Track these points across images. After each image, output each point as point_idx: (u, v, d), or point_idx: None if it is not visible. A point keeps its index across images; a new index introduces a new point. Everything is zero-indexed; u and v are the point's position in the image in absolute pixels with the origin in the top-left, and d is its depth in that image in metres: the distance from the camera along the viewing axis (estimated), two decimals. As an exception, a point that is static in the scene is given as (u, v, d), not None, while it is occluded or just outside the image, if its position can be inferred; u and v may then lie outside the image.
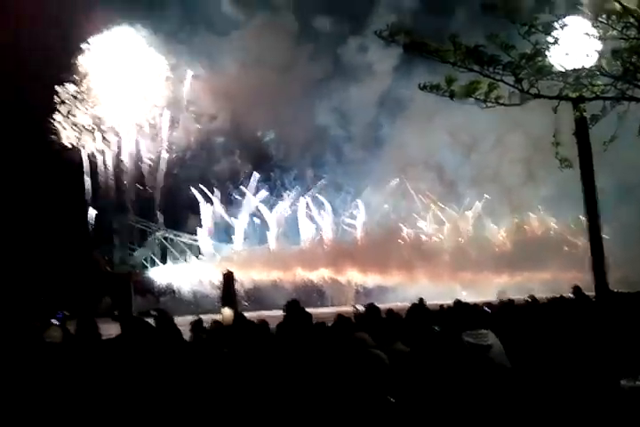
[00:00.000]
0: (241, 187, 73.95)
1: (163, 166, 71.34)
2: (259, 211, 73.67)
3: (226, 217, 72.53)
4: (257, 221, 73.25)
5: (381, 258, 69.16)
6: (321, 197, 74.68)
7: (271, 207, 74.23)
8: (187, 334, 7.28)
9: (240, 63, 71.75)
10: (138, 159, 70.53)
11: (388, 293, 64.37)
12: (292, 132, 74.02)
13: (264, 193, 74.15)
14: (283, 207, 74.58)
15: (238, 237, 72.21)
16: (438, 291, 53.01)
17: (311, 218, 75.16)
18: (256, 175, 73.96)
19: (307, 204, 74.90)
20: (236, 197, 74.00)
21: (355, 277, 70.43)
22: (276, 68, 72.10)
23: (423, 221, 75.53)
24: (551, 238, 71.46)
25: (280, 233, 73.44)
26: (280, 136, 75.23)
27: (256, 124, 73.68)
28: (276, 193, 75.03)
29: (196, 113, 71.94)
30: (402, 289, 61.92)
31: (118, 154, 70.08)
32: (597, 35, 6.35)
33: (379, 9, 72.38)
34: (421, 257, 70.74)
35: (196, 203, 72.10)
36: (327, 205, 74.78)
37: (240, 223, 72.75)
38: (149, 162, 71.06)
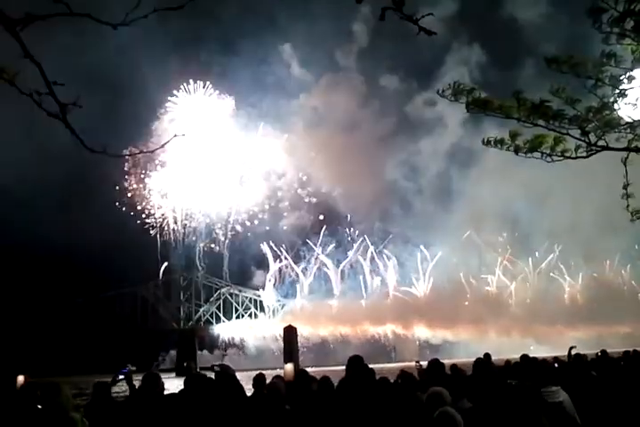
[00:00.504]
0: (307, 241, 74.78)
1: (232, 223, 72.72)
2: (325, 266, 73.90)
3: (295, 272, 72.99)
4: (326, 274, 73.48)
5: (449, 312, 67.80)
6: (387, 251, 74.35)
7: (338, 262, 74.39)
8: (249, 390, 7.23)
9: (308, 122, 73.63)
10: (207, 218, 72.28)
11: (456, 348, 62.72)
12: (360, 186, 74.78)
13: (331, 248, 74.64)
14: (349, 261, 74.58)
15: (304, 291, 72.37)
16: (509, 346, 51.27)
17: (377, 272, 74.71)
18: (324, 230, 74.82)
19: (373, 257, 74.66)
20: (304, 252, 74.64)
21: (422, 332, 69.05)
22: (343, 126, 73.64)
23: (493, 276, 74.09)
24: (627, 290, 68.76)
25: (346, 287, 73.21)
26: (348, 191, 76.12)
27: (324, 181, 74.93)
28: (343, 248, 75.30)
29: (265, 171, 73.68)
30: (471, 344, 59.99)
31: (187, 215, 71.92)
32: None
33: (447, 63, 73.59)
34: (491, 311, 69.00)
35: (264, 258, 73.10)
36: (394, 259, 74.34)
37: (306, 278, 73.00)
38: (218, 220, 72.59)
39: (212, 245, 71.85)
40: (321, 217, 75.79)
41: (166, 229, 71.36)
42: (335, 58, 79.10)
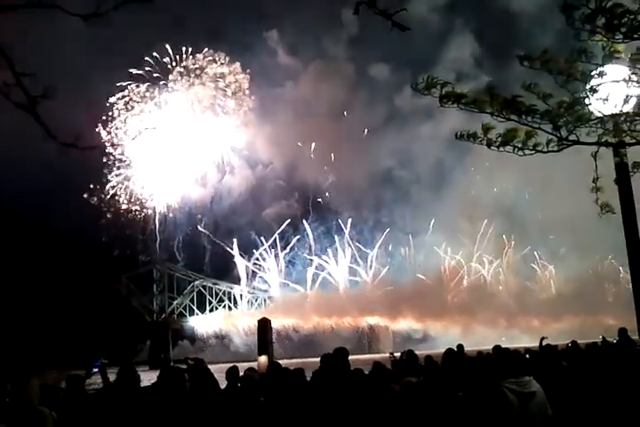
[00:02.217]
0: (293, 232, 74.13)
1: (214, 213, 71.89)
2: (312, 256, 73.38)
3: (276, 263, 72.43)
4: (309, 264, 72.98)
5: (435, 303, 67.79)
6: (376, 240, 73.99)
7: (325, 250, 73.96)
8: (223, 382, 7.24)
9: (294, 111, 72.79)
10: (188, 208, 71.41)
11: (441, 339, 62.72)
12: (349, 175, 74.35)
13: (317, 238, 74.19)
14: (336, 251, 74.14)
15: (285, 282, 71.95)
16: (494, 337, 51.44)
17: (365, 261, 74.46)
18: (310, 220, 74.38)
19: (360, 247, 74.49)
20: (290, 242, 73.99)
21: (407, 323, 68.91)
22: (331, 115, 72.99)
23: (483, 266, 73.92)
24: (617, 281, 69.06)
25: (335, 277, 72.84)
26: (336, 180, 75.55)
27: (311, 169, 74.31)
28: (330, 237, 74.73)
29: (250, 160, 72.68)
30: (456, 336, 59.72)
31: (167, 205, 71.06)
32: (636, 79, 6.34)
33: (442, 53, 73.39)
34: (480, 303, 69.11)
35: (248, 249, 72.41)
36: (382, 248, 74.11)
37: (289, 269, 72.51)
38: (200, 210, 71.66)
39: (193, 237, 71.15)
40: (308, 206, 75.06)
41: (142, 220, 70.57)
42: (323, 45, 77.89)
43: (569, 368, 9.03)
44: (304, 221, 74.88)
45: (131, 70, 68.74)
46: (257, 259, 73.08)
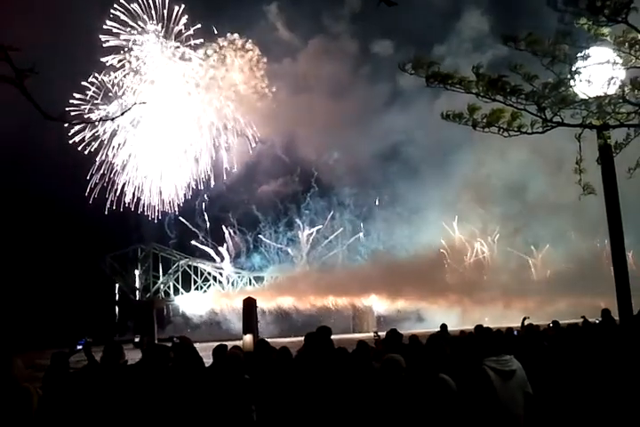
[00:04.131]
0: (296, 210, 73.53)
1: (208, 191, 71.02)
2: (311, 233, 72.94)
3: (270, 240, 71.97)
4: (311, 241, 72.48)
5: (436, 283, 67.48)
6: (379, 217, 73.40)
7: (325, 228, 73.50)
8: (209, 361, 7.30)
9: (294, 88, 71.58)
10: (180, 186, 70.38)
11: (435, 319, 62.32)
12: (350, 152, 73.28)
13: (317, 214, 73.64)
14: (331, 227, 73.66)
15: (282, 261, 71.69)
16: (490, 317, 51.36)
17: (366, 238, 74.11)
18: (310, 197, 73.71)
19: (360, 225, 74.17)
20: (288, 219, 73.41)
21: (404, 304, 68.60)
22: (331, 93, 71.81)
23: (487, 245, 73.28)
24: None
25: (324, 255, 72.49)
26: (339, 157, 74.44)
27: (311, 147, 73.09)
28: (331, 214, 74.16)
29: (248, 136, 71.38)
30: (451, 315, 59.22)
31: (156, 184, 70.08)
32: (620, 63, 6.38)
33: (448, 30, 72.21)
34: (477, 283, 68.88)
35: (247, 226, 71.88)
36: (382, 225, 73.60)
37: (286, 247, 72.08)
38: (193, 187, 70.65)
39: (185, 215, 70.31)
40: (309, 183, 74.09)
41: (130, 198, 69.85)
42: (324, 21, 76.02)
43: (550, 348, 9.19)
44: (304, 198, 74.21)
45: (123, 41, 66.95)
46: (256, 235, 72.61)
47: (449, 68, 7.03)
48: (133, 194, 68.76)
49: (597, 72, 6.48)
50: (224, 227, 72.09)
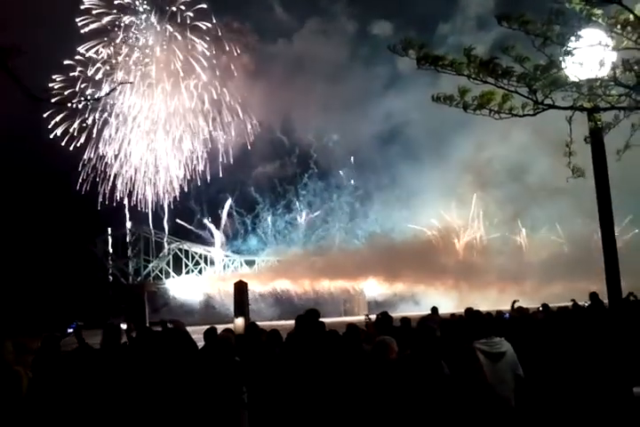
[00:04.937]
0: (293, 192, 72.98)
1: (203, 173, 70.38)
2: (308, 215, 72.61)
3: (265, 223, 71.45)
4: (308, 223, 72.05)
5: (432, 266, 67.29)
6: (376, 199, 72.99)
7: (323, 211, 73.20)
8: (201, 343, 7.32)
9: (290, 69, 70.58)
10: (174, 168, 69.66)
11: (431, 302, 61.98)
12: (348, 134, 72.57)
13: (315, 196, 73.27)
14: (333, 211, 73.38)
15: (279, 243, 71.37)
16: (489, 301, 51.28)
17: (364, 220, 73.86)
18: (308, 178, 73.09)
19: (356, 206, 73.89)
20: (288, 202, 72.95)
21: (399, 287, 68.40)
22: (328, 75, 70.82)
23: (483, 228, 73.04)
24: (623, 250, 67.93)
25: (331, 237, 72.19)
26: (337, 139, 73.68)
27: (307, 130, 72.17)
28: (328, 196, 73.71)
29: (244, 118, 70.55)
30: (448, 299, 59.10)
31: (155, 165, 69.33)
32: (612, 45, 6.35)
33: (451, 11, 71.14)
34: (474, 266, 68.77)
35: (244, 208, 71.43)
36: (380, 208, 73.35)
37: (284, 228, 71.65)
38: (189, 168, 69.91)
39: (180, 198, 69.80)
40: (306, 165, 73.46)
41: (124, 186, 69.28)
42: (321, 2, 74.78)
43: (539, 330, 9.26)
44: (302, 180, 73.74)
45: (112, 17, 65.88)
46: (254, 217, 72.23)
47: (453, 47, 7.00)
48: (127, 182, 68.41)
49: (589, 54, 6.45)
50: (221, 210, 71.76)
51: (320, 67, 70.73)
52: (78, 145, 66.16)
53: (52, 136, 64.12)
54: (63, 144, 65.10)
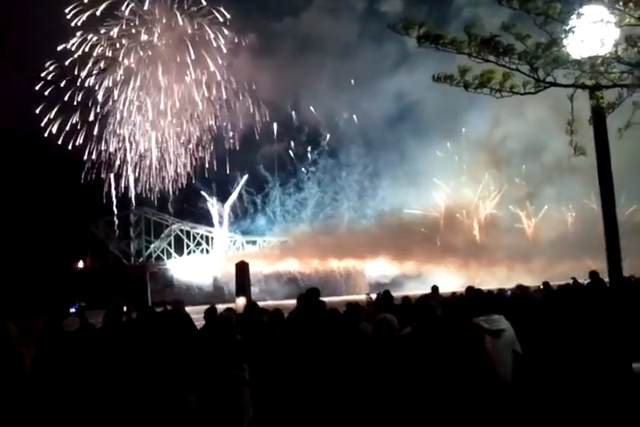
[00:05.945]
0: (299, 170, 72.51)
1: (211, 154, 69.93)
2: (316, 194, 72.12)
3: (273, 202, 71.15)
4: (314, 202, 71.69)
5: (439, 245, 66.97)
6: (385, 178, 72.42)
7: (331, 190, 72.85)
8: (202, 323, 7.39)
9: (297, 47, 69.48)
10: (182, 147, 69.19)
11: (439, 280, 61.36)
12: (359, 114, 71.80)
13: (324, 175, 72.63)
14: (343, 189, 72.87)
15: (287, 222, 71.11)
16: (498, 279, 51.03)
17: (373, 200, 73.44)
18: (317, 157, 72.44)
19: (365, 184, 73.45)
20: (298, 180, 72.29)
21: (406, 266, 68.07)
22: (336, 53, 69.73)
23: (491, 206, 72.46)
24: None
25: (340, 216, 71.82)
26: (345, 119, 72.83)
27: (319, 107, 70.90)
28: (336, 174, 73.13)
29: (252, 97, 69.85)
30: (458, 277, 58.69)
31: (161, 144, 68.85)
32: (614, 22, 6.29)
33: None
34: (484, 245, 68.25)
35: (253, 187, 71.01)
36: (390, 186, 72.70)
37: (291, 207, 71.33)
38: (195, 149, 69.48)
39: (186, 179, 69.49)
40: (317, 143, 72.69)
41: (122, 162, 68.91)
42: None
43: (540, 308, 9.31)
44: (312, 159, 73.27)
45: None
46: (263, 197, 71.83)
47: (468, 20, 6.91)
48: (136, 164, 68.35)
49: (591, 31, 6.39)
50: (231, 188, 71.58)
51: (328, 45, 69.77)
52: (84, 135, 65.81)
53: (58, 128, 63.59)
54: (70, 134, 64.79)
